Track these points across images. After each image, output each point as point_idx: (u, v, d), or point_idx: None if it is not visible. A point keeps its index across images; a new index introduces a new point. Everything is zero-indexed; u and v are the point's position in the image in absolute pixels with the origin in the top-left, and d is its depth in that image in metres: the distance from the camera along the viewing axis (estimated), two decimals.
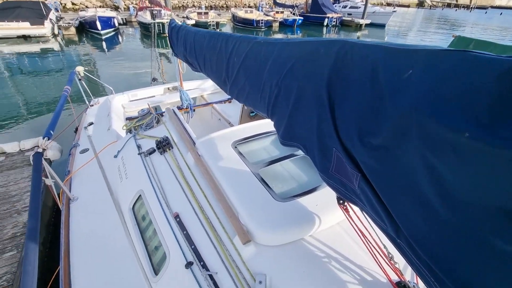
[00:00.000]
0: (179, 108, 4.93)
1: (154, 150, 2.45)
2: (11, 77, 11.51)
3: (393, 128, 0.75)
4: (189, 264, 1.48)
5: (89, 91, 4.71)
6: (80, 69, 4.40)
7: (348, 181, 1.07)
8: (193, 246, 1.55)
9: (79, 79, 4.45)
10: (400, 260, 1.18)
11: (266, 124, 2.44)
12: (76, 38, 19.68)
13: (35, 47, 16.59)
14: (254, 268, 1.34)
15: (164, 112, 4.92)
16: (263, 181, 1.79)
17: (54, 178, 2.40)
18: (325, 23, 26.95)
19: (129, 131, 2.92)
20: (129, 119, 4.46)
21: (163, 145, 2.41)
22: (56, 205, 2.80)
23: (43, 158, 2.20)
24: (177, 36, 2.98)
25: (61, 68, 12.88)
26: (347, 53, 0.93)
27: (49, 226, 3.41)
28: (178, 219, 1.75)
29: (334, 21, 27.19)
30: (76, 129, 4.02)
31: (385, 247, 1.23)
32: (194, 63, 2.79)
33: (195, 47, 2.60)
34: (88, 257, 2.05)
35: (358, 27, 27.29)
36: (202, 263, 1.46)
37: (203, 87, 5.86)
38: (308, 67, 1.09)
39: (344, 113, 0.94)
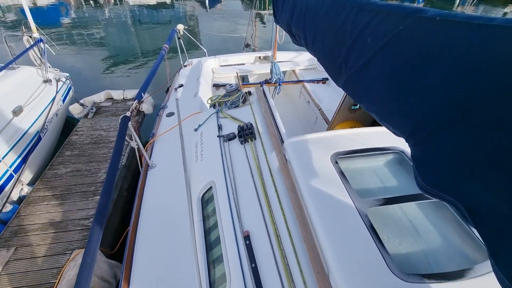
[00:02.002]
0: (267, 81, 4.52)
1: (235, 137, 2.13)
2: (132, 26, 13.13)
3: None
4: None
5: (185, 50, 4.71)
6: (180, 27, 4.36)
7: None
8: None
9: (178, 38, 4.45)
10: None
11: (383, 134, 1.78)
12: None
13: (152, 0, 18.41)
14: None
15: (251, 84, 4.60)
16: (372, 229, 1.24)
17: (137, 143, 2.37)
18: None
19: (213, 105, 2.68)
20: (216, 86, 4.32)
21: (246, 133, 2.05)
22: None
23: (129, 123, 2.14)
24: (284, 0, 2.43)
25: (169, 21, 14.00)
26: None
27: (135, 175, 3.70)
28: (247, 242, 1.40)
29: None
30: (168, 89, 4.10)
31: None
32: (299, 35, 2.23)
33: (306, 15, 2.03)
34: (153, 233, 1.99)
35: (508, 0, 20.53)
36: None
37: (296, 60, 5.24)
38: None
39: None
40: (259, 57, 5.27)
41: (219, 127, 2.33)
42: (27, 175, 3.37)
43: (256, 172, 1.79)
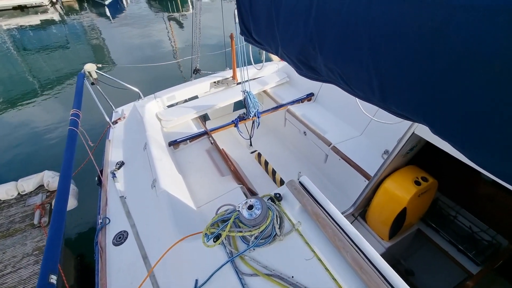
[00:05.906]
0: (242, 118, 3.28)
1: None
2: (15, 54, 9.95)
3: None
4: None
5: (107, 98, 3.08)
6: (91, 68, 2.70)
7: None
8: None
9: (92, 83, 2.81)
10: None
11: None
12: (76, 6, 17.41)
13: (34, 19, 14.66)
14: None
15: (220, 128, 3.33)
16: None
17: None
18: None
19: (213, 238, 1.33)
20: (173, 144, 2.87)
21: None
22: None
23: None
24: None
25: (65, 41, 11.12)
26: None
27: None
28: None
29: None
30: (99, 176, 2.43)
31: None
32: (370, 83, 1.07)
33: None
34: None
35: None
36: None
37: (262, 76, 4.08)
38: None
39: None
40: (214, 82, 3.94)
41: None
42: None
43: None
